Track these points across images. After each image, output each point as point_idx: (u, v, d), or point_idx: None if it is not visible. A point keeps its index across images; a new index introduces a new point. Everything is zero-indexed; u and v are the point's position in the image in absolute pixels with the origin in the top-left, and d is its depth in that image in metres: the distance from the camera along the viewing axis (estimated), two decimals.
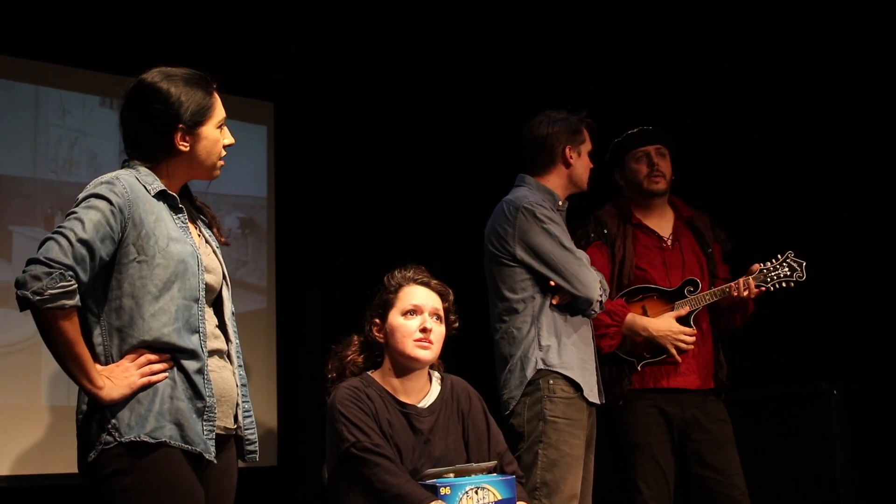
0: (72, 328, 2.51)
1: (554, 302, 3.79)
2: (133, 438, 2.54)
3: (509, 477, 3.13)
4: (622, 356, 4.08)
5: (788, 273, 4.01)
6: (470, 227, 4.18)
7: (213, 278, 2.76)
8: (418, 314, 3.23)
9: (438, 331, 3.26)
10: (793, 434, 4.55)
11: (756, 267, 4.07)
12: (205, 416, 2.63)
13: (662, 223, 4.33)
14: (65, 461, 4.66)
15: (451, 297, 3.35)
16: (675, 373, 4.11)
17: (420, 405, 3.23)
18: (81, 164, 5.05)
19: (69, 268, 2.49)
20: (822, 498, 4.43)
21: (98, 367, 2.57)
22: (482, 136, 5.64)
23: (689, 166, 4.49)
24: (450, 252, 4.65)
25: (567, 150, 3.94)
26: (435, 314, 3.26)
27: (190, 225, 2.78)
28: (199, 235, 2.83)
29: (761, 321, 4.36)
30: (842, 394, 4.47)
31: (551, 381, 3.71)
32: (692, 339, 4.05)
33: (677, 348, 4.04)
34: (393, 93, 5.86)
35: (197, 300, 2.67)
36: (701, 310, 4.14)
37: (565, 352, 3.75)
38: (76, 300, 2.50)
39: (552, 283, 3.79)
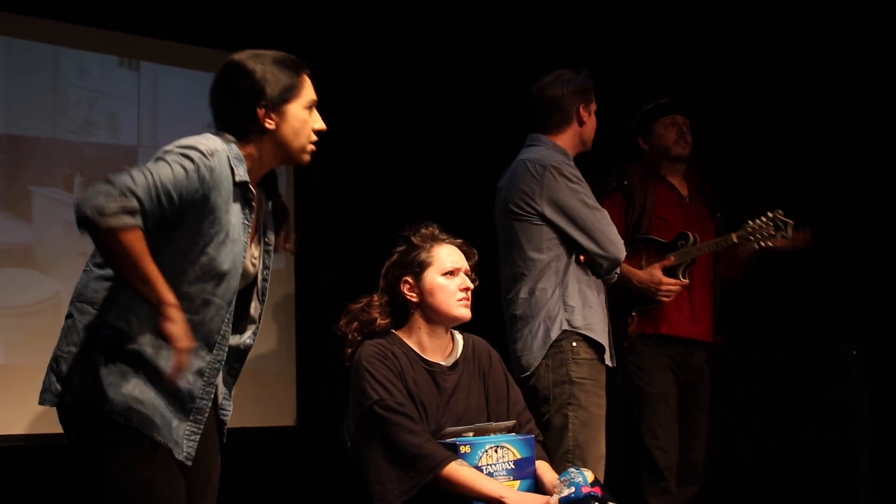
0: (137, 243, 2.38)
1: (582, 259, 3.81)
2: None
3: (529, 436, 3.15)
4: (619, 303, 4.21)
5: (773, 232, 4.09)
6: (491, 185, 4.16)
7: (242, 282, 2.72)
8: (456, 275, 3.24)
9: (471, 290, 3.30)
10: (812, 396, 4.55)
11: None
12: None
13: (682, 186, 4.59)
14: None
15: (476, 258, 3.37)
16: (678, 321, 4.30)
17: (444, 363, 3.24)
18: (100, 125, 5.05)
19: (133, 192, 2.38)
20: (841, 460, 4.44)
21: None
22: (506, 94, 5.60)
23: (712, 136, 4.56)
24: (472, 211, 4.66)
25: (581, 108, 3.99)
26: (468, 274, 3.29)
27: (253, 221, 2.72)
28: (255, 231, 2.78)
29: (779, 280, 4.36)
30: (862, 355, 4.46)
31: (574, 343, 3.73)
32: (676, 288, 4.18)
33: (663, 296, 4.18)
34: (414, 66, 5.87)
35: (230, 303, 2.67)
36: (706, 267, 4.33)
37: (589, 313, 3.77)
38: (138, 221, 2.38)
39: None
